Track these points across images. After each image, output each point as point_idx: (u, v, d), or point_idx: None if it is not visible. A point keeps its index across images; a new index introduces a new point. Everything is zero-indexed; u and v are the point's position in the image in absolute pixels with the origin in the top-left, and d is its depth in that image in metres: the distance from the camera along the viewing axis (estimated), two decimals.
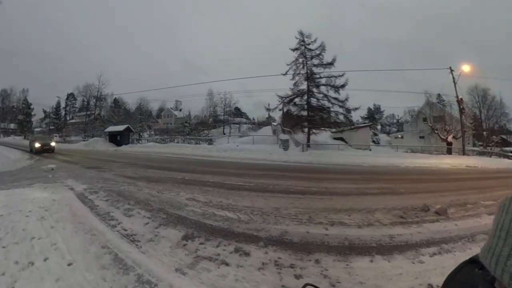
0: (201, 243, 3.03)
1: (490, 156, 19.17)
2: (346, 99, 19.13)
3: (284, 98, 20.82)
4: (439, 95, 31.10)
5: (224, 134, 34.48)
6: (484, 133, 27.12)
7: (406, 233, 3.39)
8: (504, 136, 28.81)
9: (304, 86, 20.90)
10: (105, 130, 33.50)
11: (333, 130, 21.81)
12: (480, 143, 26.96)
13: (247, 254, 2.76)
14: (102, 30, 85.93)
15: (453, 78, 19.23)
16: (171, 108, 54.92)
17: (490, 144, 23.33)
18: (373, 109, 39.98)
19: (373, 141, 29.55)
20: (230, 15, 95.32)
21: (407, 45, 63.16)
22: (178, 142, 30.51)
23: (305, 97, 20.49)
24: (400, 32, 69.39)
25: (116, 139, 29.85)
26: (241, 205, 4.61)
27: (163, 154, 16.78)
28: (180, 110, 53.67)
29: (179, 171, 8.93)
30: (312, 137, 22.27)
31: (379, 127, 38.41)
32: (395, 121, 43.00)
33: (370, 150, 22.95)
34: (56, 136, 46.83)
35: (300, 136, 22.46)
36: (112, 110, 46.47)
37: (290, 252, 2.81)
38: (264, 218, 3.95)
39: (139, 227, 3.58)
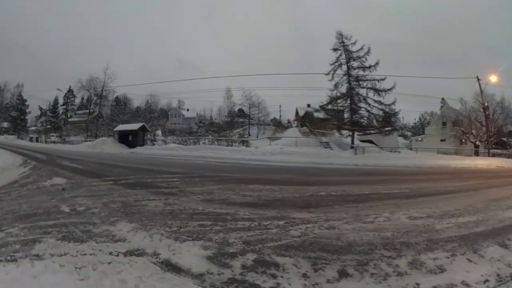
0: None
1: (509, 158, 23.32)
2: (393, 103, 21.81)
3: (332, 99, 23.03)
4: (443, 98, 36.25)
5: (250, 135, 36.39)
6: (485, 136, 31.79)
7: None
8: (503, 139, 33.60)
9: (344, 88, 23.15)
10: (115, 129, 32.42)
11: (371, 132, 24.83)
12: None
13: None
14: (102, 28, 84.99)
15: (480, 86, 23.07)
16: (177, 107, 55.87)
17: (507, 147, 27.87)
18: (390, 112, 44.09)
19: None
20: (229, 14, 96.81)
21: (420, 50, 67.93)
22: (205, 143, 30.55)
23: (348, 99, 22.84)
24: (403, 35, 74.15)
25: (128, 139, 28.67)
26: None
27: (212, 160, 15.80)
28: (188, 109, 54.96)
29: (292, 183, 7.93)
30: (345, 139, 25.30)
31: None
32: (411, 124, 47.86)
33: (400, 152, 26.55)
34: (53, 136, 46.41)
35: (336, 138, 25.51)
36: (117, 108, 46.19)
37: None
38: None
39: None
